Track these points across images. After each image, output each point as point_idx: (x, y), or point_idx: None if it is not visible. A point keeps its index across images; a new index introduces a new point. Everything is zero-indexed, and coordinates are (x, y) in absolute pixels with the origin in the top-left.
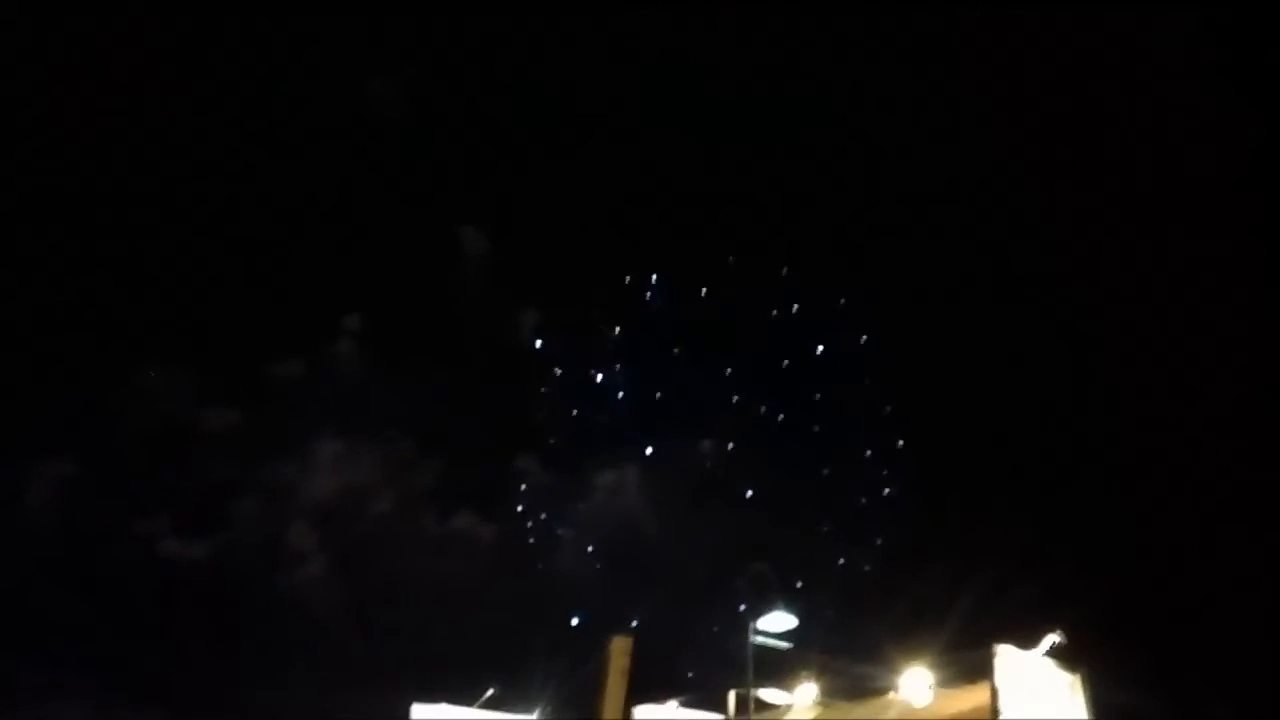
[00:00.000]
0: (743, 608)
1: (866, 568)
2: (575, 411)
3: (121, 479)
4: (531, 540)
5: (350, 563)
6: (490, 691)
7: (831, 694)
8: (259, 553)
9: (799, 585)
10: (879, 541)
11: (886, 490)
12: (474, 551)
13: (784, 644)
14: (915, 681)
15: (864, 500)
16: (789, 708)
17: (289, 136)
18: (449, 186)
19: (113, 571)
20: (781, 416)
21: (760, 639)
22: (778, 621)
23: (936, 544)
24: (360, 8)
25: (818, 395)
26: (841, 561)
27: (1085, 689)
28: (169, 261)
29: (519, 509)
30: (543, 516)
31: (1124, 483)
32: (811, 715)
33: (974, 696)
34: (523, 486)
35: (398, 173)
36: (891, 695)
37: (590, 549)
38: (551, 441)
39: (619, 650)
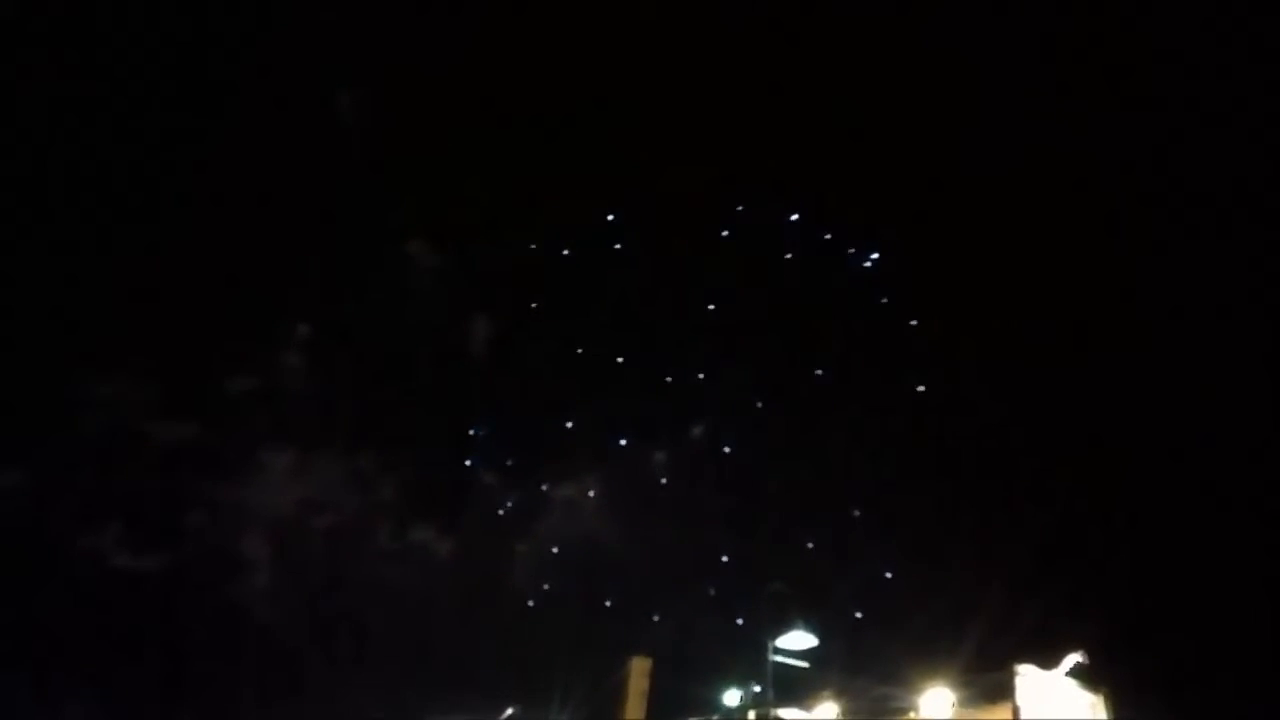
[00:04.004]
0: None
1: (887, 587)
2: (553, 417)
3: (71, 491)
4: (545, 557)
5: (347, 579)
6: (509, 711)
7: (852, 714)
8: (254, 572)
9: (818, 603)
10: (897, 557)
11: (901, 505)
12: (483, 567)
13: (803, 663)
14: (936, 701)
15: (880, 515)
16: None
17: (239, 147)
18: (400, 198)
19: (64, 585)
20: (786, 424)
21: (779, 658)
22: (797, 640)
23: (956, 561)
24: (316, 20)
25: (823, 402)
26: (861, 579)
27: (1107, 710)
28: (119, 270)
29: (521, 525)
30: (552, 532)
31: (1148, 499)
32: None
33: (995, 716)
34: (514, 500)
35: (348, 184)
36: (912, 716)
37: (603, 564)
38: (531, 452)
39: (638, 670)
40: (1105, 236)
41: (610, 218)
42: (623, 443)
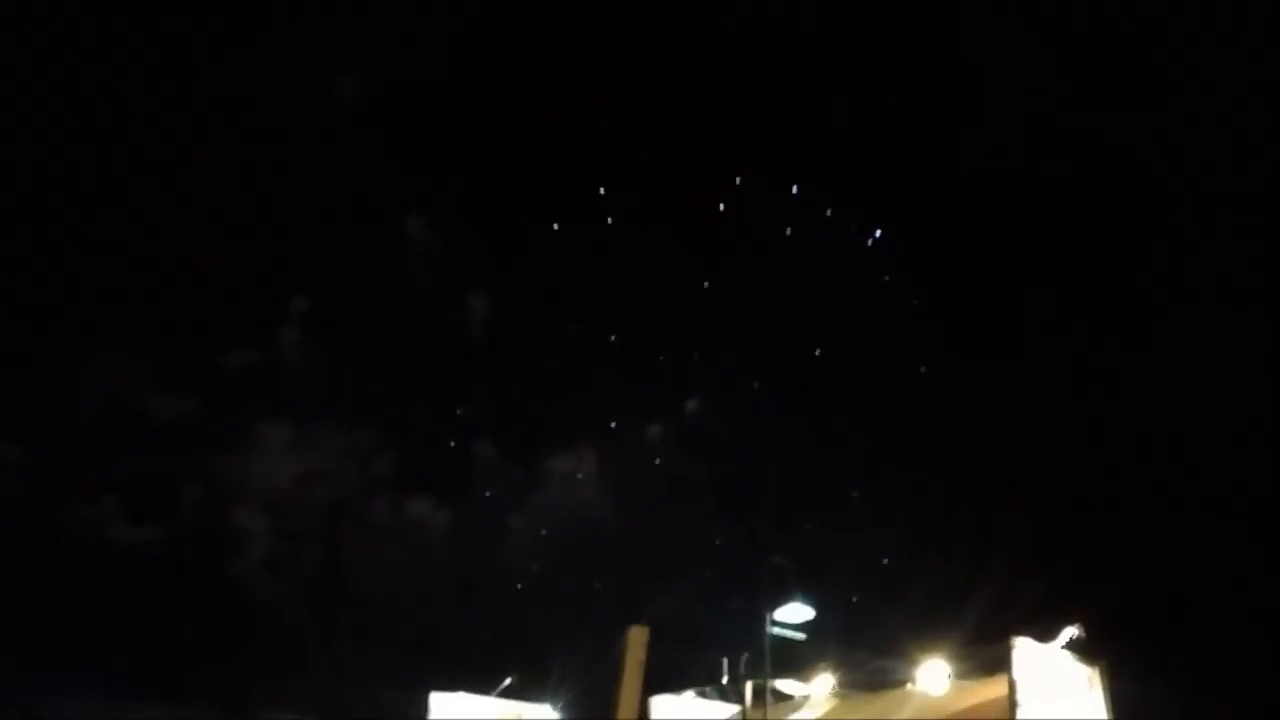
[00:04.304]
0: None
1: (885, 561)
2: (553, 393)
3: (71, 465)
4: (543, 531)
5: (349, 553)
6: (508, 680)
7: (848, 685)
8: (258, 545)
9: (816, 576)
10: (896, 531)
11: (902, 477)
12: (482, 540)
13: (800, 635)
14: (932, 673)
15: (880, 489)
16: (806, 699)
17: (238, 124)
18: (398, 179)
19: (62, 561)
20: (786, 400)
21: (777, 630)
22: (795, 612)
23: (954, 535)
24: (315, 12)
25: (826, 382)
26: (858, 552)
27: (1104, 682)
28: (116, 247)
29: (521, 498)
30: (545, 504)
31: (1144, 472)
32: (828, 707)
33: (991, 689)
34: (517, 474)
35: (346, 165)
36: (909, 687)
37: (603, 537)
38: (543, 426)
39: (636, 641)
40: (1106, 224)
41: (609, 198)
42: (620, 420)
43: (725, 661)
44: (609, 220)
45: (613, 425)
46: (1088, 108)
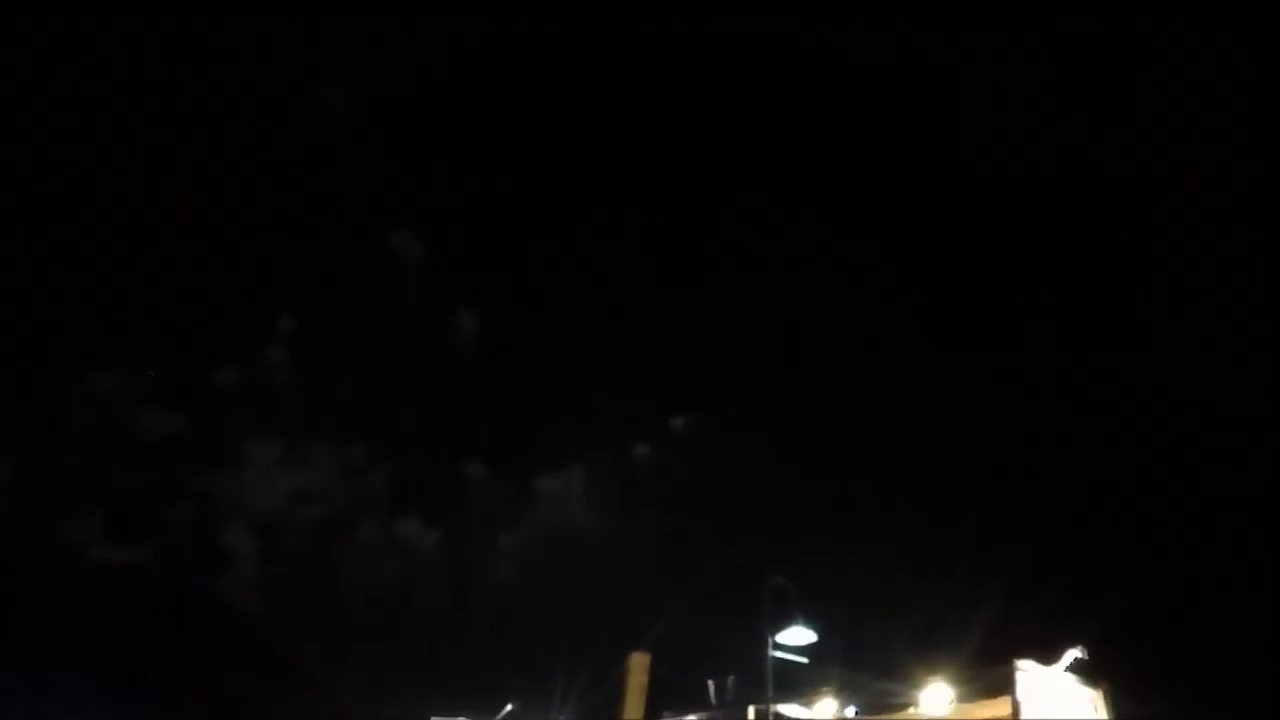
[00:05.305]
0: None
1: (887, 583)
2: (554, 414)
3: (58, 483)
4: (545, 554)
5: (350, 575)
6: (509, 707)
7: (852, 709)
8: (261, 566)
9: (818, 599)
10: (898, 553)
11: (903, 498)
12: (482, 563)
13: (803, 659)
14: (936, 696)
15: (881, 511)
16: None
17: (226, 141)
18: (389, 194)
19: (53, 580)
20: (787, 424)
21: (779, 654)
22: (797, 636)
23: (956, 556)
24: (302, 16)
25: (826, 401)
26: (860, 575)
27: (1107, 705)
28: (105, 264)
29: (522, 521)
30: (544, 527)
31: (1146, 493)
32: None
33: (995, 711)
34: (511, 495)
35: (334, 177)
36: (912, 710)
37: (602, 559)
38: (526, 447)
39: (638, 666)
40: (1103, 239)
41: (607, 213)
42: (621, 442)
43: (710, 685)
44: (608, 236)
45: (614, 447)
46: (1086, 113)
